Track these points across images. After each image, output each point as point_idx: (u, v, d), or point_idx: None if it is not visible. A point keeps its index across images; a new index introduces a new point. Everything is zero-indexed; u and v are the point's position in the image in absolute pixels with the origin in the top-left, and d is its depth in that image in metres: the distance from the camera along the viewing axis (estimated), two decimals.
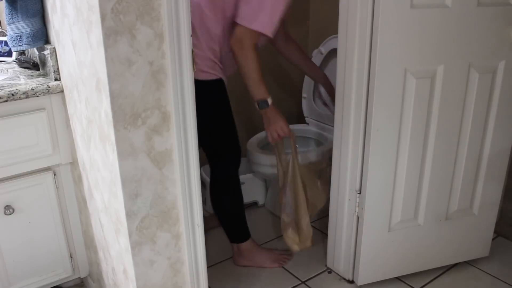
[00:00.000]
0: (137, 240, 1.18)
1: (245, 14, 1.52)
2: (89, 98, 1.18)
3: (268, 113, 1.63)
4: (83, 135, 1.32)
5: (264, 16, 1.52)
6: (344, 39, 1.51)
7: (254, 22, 1.52)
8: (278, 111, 1.66)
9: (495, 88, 1.59)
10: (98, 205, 1.35)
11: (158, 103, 1.10)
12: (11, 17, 1.45)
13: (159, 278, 1.26)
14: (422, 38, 1.43)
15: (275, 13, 1.54)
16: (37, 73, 1.54)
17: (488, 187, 1.74)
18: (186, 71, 1.11)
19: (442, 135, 1.58)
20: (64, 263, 1.61)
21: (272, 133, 1.65)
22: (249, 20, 1.52)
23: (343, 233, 1.74)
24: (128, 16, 1.00)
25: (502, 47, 1.54)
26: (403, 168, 1.59)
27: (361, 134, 1.55)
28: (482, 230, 1.82)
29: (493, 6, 1.47)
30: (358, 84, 1.51)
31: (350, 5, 1.46)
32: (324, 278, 1.82)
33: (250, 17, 1.52)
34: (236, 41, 1.53)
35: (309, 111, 2.43)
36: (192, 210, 1.24)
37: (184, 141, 1.16)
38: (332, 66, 2.28)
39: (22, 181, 1.44)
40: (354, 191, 1.64)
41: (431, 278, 1.81)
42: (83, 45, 1.12)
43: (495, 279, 1.80)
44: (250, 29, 1.52)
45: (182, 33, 1.07)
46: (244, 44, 1.53)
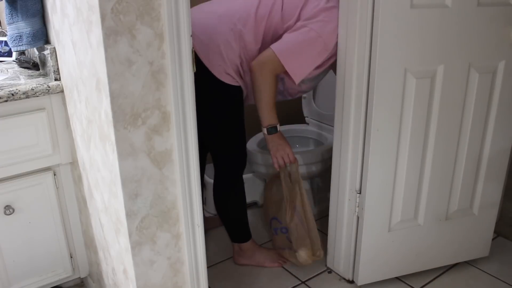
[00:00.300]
0: (137, 240, 1.18)
1: (281, 44, 1.51)
2: (89, 98, 1.18)
3: (276, 139, 1.64)
4: (83, 135, 1.32)
5: (297, 57, 1.52)
6: (344, 39, 1.51)
7: (284, 55, 1.50)
8: (284, 138, 1.68)
9: (495, 88, 1.59)
10: (98, 205, 1.35)
11: (158, 103, 1.10)
12: (11, 17, 1.45)
13: (159, 278, 1.26)
14: (422, 38, 1.43)
15: (307, 61, 1.54)
16: (37, 73, 1.54)
17: (488, 187, 1.74)
18: (186, 71, 1.11)
19: (442, 135, 1.58)
20: (64, 263, 1.61)
21: (278, 158, 1.67)
22: (281, 51, 1.50)
23: (343, 233, 1.74)
24: (128, 16, 1.00)
25: (502, 47, 1.54)
26: (403, 168, 1.59)
27: (361, 134, 1.55)
28: (482, 230, 1.82)
29: (493, 6, 1.47)
30: (358, 84, 1.51)
31: (350, 5, 1.46)
32: (324, 278, 1.82)
33: (284, 50, 1.50)
34: (259, 62, 1.53)
35: (309, 111, 2.43)
36: (192, 210, 1.24)
37: (184, 141, 1.16)
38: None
39: (22, 181, 1.44)
40: (354, 191, 1.64)
41: (431, 278, 1.81)
42: (83, 45, 1.12)
43: (495, 279, 1.80)
44: (277, 57, 1.51)
45: (182, 33, 1.07)
46: (265, 67, 1.53)
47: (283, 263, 1.88)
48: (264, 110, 1.59)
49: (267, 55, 1.52)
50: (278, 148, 1.66)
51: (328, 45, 1.53)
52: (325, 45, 1.52)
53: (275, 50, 1.51)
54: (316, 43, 1.51)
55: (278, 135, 1.65)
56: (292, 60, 1.52)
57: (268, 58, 1.52)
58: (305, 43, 1.51)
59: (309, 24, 1.50)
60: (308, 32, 1.50)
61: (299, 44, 1.51)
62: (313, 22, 1.50)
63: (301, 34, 1.51)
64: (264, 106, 1.58)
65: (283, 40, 1.52)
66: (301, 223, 1.73)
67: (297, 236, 1.74)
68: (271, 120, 1.61)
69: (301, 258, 1.74)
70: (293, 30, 1.52)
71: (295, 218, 1.73)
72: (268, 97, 1.57)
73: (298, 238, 1.74)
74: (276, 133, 1.64)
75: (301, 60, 1.54)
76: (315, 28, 1.50)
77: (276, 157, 1.67)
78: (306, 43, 1.51)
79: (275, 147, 1.65)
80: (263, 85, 1.55)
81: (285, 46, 1.51)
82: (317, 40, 1.51)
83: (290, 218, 1.73)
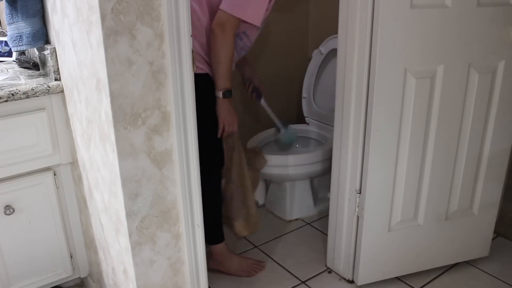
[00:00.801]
0: (137, 240, 1.18)
1: (231, 2, 1.51)
2: (89, 98, 1.18)
3: (228, 104, 1.62)
4: (83, 135, 1.32)
5: (248, 4, 1.52)
6: (344, 39, 1.51)
7: (238, 9, 1.51)
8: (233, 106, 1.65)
9: (495, 88, 1.59)
10: (98, 205, 1.35)
11: (158, 103, 1.10)
12: (11, 17, 1.45)
13: (159, 278, 1.26)
14: (422, 38, 1.43)
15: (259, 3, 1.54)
16: (37, 73, 1.54)
17: (488, 187, 1.74)
18: (186, 71, 1.11)
19: (442, 135, 1.58)
20: (64, 263, 1.61)
21: (225, 124, 1.63)
22: (232, 7, 1.51)
23: (343, 233, 1.74)
24: (128, 16, 1.00)
25: (502, 47, 1.54)
26: (403, 168, 1.59)
27: (361, 134, 1.55)
28: (482, 230, 1.82)
29: (493, 6, 1.47)
30: (358, 84, 1.51)
31: (350, 5, 1.46)
32: (324, 278, 1.82)
33: (235, 5, 1.51)
34: (218, 24, 1.52)
35: (309, 111, 2.43)
36: (192, 210, 1.24)
37: (184, 141, 1.16)
38: (332, 66, 2.28)
39: (22, 181, 1.44)
40: (354, 191, 1.64)
41: (431, 278, 1.81)
42: (83, 45, 1.12)
43: (495, 279, 1.80)
44: (232, 15, 1.51)
45: (182, 33, 1.07)
46: (225, 28, 1.52)
47: (255, 273, 1.83)
48: (222, 73, 1.57)
49: (223, 16, 1.52)
50: (228, 114, 1.63)
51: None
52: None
53: (227, 9, 1.51)
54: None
55: (231, 101, 1.62)
56: (246, 10, 1.52)
57: (225, 18, 1.52)
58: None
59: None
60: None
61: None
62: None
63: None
64: (222, 69, 1.56)
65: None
66: (236, 192, 1.72)
67: (232, 205, 1.73)
68: (227, 84, 1.58)
69: (235, 228, 1.75)
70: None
71: (231, 186, 1.72)
72: (227, 60, 1.55)
73: (233, 207, 1.73)
74: (229, 98, 1.61)
75: (254, 5, 1.54)
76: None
77: (223, 122, 1.63)
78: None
79: (226, 111, 1.62)
80: (224, 46, 1.53)
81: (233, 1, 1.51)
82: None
83: (224, 187, 1.72)
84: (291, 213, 2.24)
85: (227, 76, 1.57)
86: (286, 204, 2.23)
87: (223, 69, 1.56)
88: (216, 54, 1.55)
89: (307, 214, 2.27)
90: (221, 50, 1.54)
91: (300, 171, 2.10)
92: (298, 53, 2.62)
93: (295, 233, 2.14)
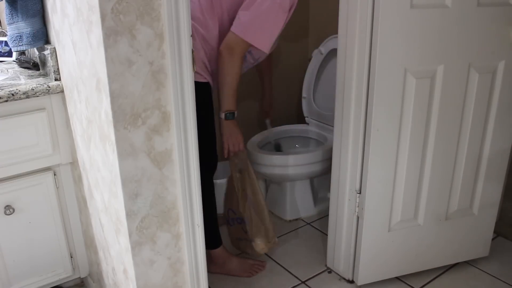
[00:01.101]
0: (137, 240, 1.18)
1: (242, 25, 1.52)
2: (89, 98, 1.18)
3: (231, 125, 1.64)
4: (83, 135, 1.32)
5: (261, 31, 1.53)
6: (344, 39, 1.51)
7: (249, 34, 1.52)
8: (238, 127, 1.67)
9: (495, 88, 1.59)
10: (98, 205, 1.35)
11: (158, 103, 1.10)
12: (11, 17, 1.45)
13: (159, 278, 1.26)
14: (422, 38, 1.43)
15: (271, 30, 1.55)
16: (37, 73, 1.54)
17: (488, 187, 1.74)
18: (186, 71, 1.11)
19: (442, 135, 1.58)
20: (64, 263, 1.61)
21: (229, 145, 1.66)
22: (244, 31, 1.52)
23: (343, 233, 1.74)
24: (128, 16, 1.00)
25: (502, 47, 1.54)
26: (403, 168, 1.59)
27: (361, 134, 1.55)
28: (482, 230, 1.82)
29: (493, 6, 1.47)
30: (358, 84, 1.51)
31: (350, 5, 1.46)
32: (324, 278, 1.82)
33: (246, 28, 1.52)
34: (227, 47, 1.53)
35: (309, 111, 2.43)
36: (192, 210, 1.24)
37: (184, 141, 1.16)
38: (332, 66, 2.28)
39: (22, 181, 1.44)
40: (354, 191, 1.64)
41: (431, 278, 1.81)
42: (83, 45, 1.12)
43: (495, 279, 1.80)
44: (243, 39, 1.52)
45: (182, 33, 1.07)
46: (234, 51, 1.53)
47: (255, 273, 1.84)
48: (226, 95, 1.58)
49: (233, 39, 1.53)
50: (232, 135, 1.65)
51: (285, 6, 1.53)
52: (282, 7, 1.52)
53: (238, 33, 1.52)
54: (273, 10, 1.51)
55: (234, 122, 1.64)
56: (257, 36, 1.53)
57: (235, 42, 1.53)
58: (264, 15, 1.51)
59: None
60: (262, 3, 1.50)
61: (258, 18, 1.52)
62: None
63: (256, 7, 1.51)
64: (228, 91, 1.58)
65: (242, 19, 1.52)
66: (254, 211, 1.74)
67: (252, 225, 1.75)
68: (230, 106, 1.60)
69: (257, 247, 1.76)
70: (247, 6, 1.52)
71: (248, 207, 1.74)
72: (233, 82, 1.57)
73: (253, 227, 1.75)
74: (232, 120, 1.63)
75: (266, 32, 1.55)
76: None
77: (227, 143, 1.66)
78: (265, 15, 1.52)
79: (228, 133, 1.64)
80: (231, 69, 1.55)
81: (246, 25, 1.52)
82: (273, 7, 1.51)
83: (243, 208, 1.73)
84: (291, 213, 2.24)
85: (231, 99, 1.59)
86: (286, 204, 2.23)
87: (228, 91, 1.58)
88: (222, 76, 1.57)
89: (307, 214, 2.27)
90: (228, 73, 1.56)
91: (300, 171, 2.10)
92: (298, 53, 2.62)
93: (295, 233, 2.14)
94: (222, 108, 1.61)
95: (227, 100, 1.59)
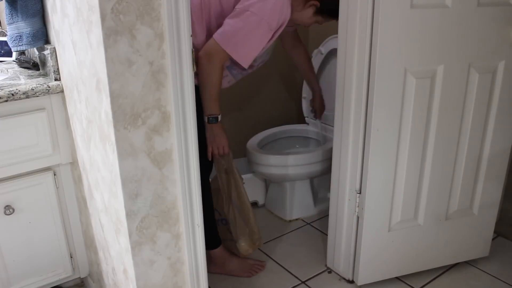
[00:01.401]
0: (137, 240, 1.18)
1: (225, 34, 1.49)
2: (89, 98, 1.18)
3: (215, 129, 1.64)
4: (83, 135, 1.32)
5: (242, 45, 1.51)
6: (344, 39, 1.51)
7: (230, 45, 1.49)
8: (223, 130, 1.67)
9: (495, 88, 1.59)
10: (98, 205, 1.35)
11: (158, 103, 1.10)
12: (11, 17, 1.45)
13: (159, 278, 1.26)
14: (422, 38, 1.43)
15: (254, 46, 1.53)
16: (37, 73, 1.54)
17: (488, 187, 1.74)
18: (186, 71, 1.11)
19: (442, 135, 1.58)
20: (64, 263, 1.61)
21: (213, 148, 1.67)
22: (226, 41, 1.49)
23: (343, 233, 1.74)
24: (128, 16, 1.00)
25: (502, 47, 1.54)
26: (403, 168, 1.59)
27: (361, 134, 1.55)
28: (482, 230, 1.82)
29: (493, 6, 1.47)
30: (358, 84, 1.51)
31: (350, 5, 1.46)
32: (324, 278, 1.82)
33: (228, 39, 1.49)
34: (206, 53, 1.51)
35: (309, 111, 2.43)
36: (192, 210, 1.24)
37: (184, 141, 1.16)
38: (332, 66, 2.28)
39: (22, 181, 1.44)
40: (354, 191, 1.64)
41: (431, 278, 1.81)
42: (83, 45, 1.12)
43: (495, 279, 1.80)
44: (223, 48, 1.49)
45: (182, 33, 1.07)
46: (213, 59, 1.51)
47: (255, 273, 1.84)
48: (207, 100, 1.58)
49: (213, 46, 1.50)
50: (215, 139, 1.65)
51: (272, 24, 1.50)
52: (268, 25, 1.50)
53: (220, 41, 1.49)
54: (260, 26, 1.49)
55: (218, 125, 1.64)
56: (238, 49, 1.51)
57: (215, 49, 1.50)
58: (248, 28, 1.49)
59: (249, 7, 1.48)
60: (249, 17, 1.47)
61: (242, 30, 1.49)
62: (252, 4, 1.47)
63: (243, 20, 1.48)
64: (208, 96, 1.57)
65: (226, 28, 1.49)
66: (239, 213, 1.77)
67: (236, 226, 1.77)
68: (212, 110, 1.60)
69: (241, 248, 1.79)
70: (235, 16, 1.49)
71: (233, 209, 1.76)
72: (212, 88, 1.55)
73: (238, 228, 1.78)
74: (216, 123, 1.63)
75: (248, 47, 1.52)
76: (255, 11, 1.47)
77: (211, 146, 1.66)
78: (249, 28, 1.49)
79: (212, 136, 1.65)
80: (209, 76, 1.53)
81: (229, 35, 1.49)
82: (260, 23, 1.48)
83: (227, 209, 1.76)
84: (291, 213, 2.24)
85: (212, 103, 1.58)
86: (286, 204, 2.23)
87: (209, 97, 1.57)
88: (201, 81, 1.55)
89: (307, 214, 2.27)
90: (207, 79, 1.54)
91: (300, 171, 2.10)
92: None
93: (295, 233, 2.14)
94: (205, 112, 1.61)
95: (209, 105, 1.59)
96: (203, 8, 1.55)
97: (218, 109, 1.61)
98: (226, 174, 1.75)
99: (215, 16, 1.56)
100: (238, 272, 1.83)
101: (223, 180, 1.76)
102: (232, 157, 1.74)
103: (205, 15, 1.55)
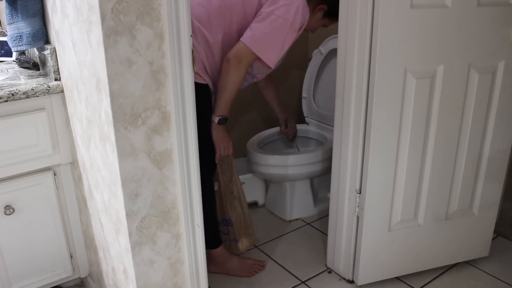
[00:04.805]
0: (137, 240, 1.19)
1: (255, 37, 1.55)
2: (89, 98, 1.18)
3: (222, 130, 1.68)
4: (83, 135, 1.32)
5: (271, 47, 1.57)
6: (344, 39, 1.52)
7: (259, 48, 1.55)
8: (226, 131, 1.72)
9: (495, 88, 1.59)
10: (98, 205, 1.35)
11: (158, 103, 1.10)
12: (11, 17, 1.45)
13: (159, 278, 1.26)
14: (422, 38, 1.43)
15: (281, 47, 1.60)
16: (37, 73, 1.54)
17: (488, 187, 1.74)
18: (186, 71, 1.11)
19: (442, 135, 1.58)
20: (64, 263, 1.61)
21: (221, 148, 1.70)
22: (256, 44, 1.55)
23: (343, 233, 1.74)
24: (128, 16, 1.00)
25: (502, 47, 1.54)
26: (403, 168, 1.59)
27: (361, 134, 1.55)
28: (482, 230, 1.82)
29: (493, 6, 1.47)
30: (358, 84, 1.51)
31: (350, 5, 1.46)
32: (324, 278, 1.82)
33: (258, 41, 1.55)
34: (235, 56, 1.55)
35: (309, 111, 2.43)
36: (192, 210, 1.24)
37: (184, 141, 1.16)
38: (332, 66, 2.28)
39: (22, 181, 1.44)
40: (354, 191, 1.64)
41: (431, 278, 1.81)
42: (83, 45, 1.12)
43: (495, 279, 1.80)
44: (252, 51, 1.55)
45: (182, 33, 1.07)
46: (242, 62, 1.56)
47: (255, 273, 1.84)
48: (224, 101, 1.62)
49: (242, 49, 1.56)
50: (223, 139, 1.69)
51: (295, 26, 1.58)
52: (292, 27, 1.57)
53: (250, 44, 1.55)
54: (285, 28, 1.56)
55: (224, 127, 1.69)
56: (266, 50, 1.57)
57: (245, 53, 1.56)
58: (275, 31, 1.56)
59: (274, 11, 1.55)
60: (275, 20, 1.54)
61: (270, 33, 1.56)
62: (277, 9, 1.55)
63: (270, 23, 1.55)
64: (227, 97, 1.61)
65: (254, 32, 1.56)
66: (242, 212, 1.81)
67: (240, 225, 1.82)
68: (225, 111, 1.64)
69: (243, 246, 1.85)
70: (261, 20, 1.56)
71: (237, 208, 1.80)
72: (233, 90, 1.60)
73: (242, 228, 1.82)
74: (224, 124, 1.68)
75: (275, 48, 1.59)
76: (281, 15, 1.54)
77: (219, 147, 1.69)
78: (276, 31, 1.56)
79: (220, 137, 1.68)
80: (235, 78, 1.58)
81: (258, 38, 1.55)
82: (285, 25, 1.56)
83: (231, 209, 1.80)
84: (291, 213, 2.25)
85: (227, 105, 1.63)
86: (286, 204, 2.24)
87: (226, 98, 1.61)
88: (224, 82, 1.59)
89: (307, 214, 2.27)
90: (231, 81, 1.58)
91: (300, 171, 2.10)
92: (298, 53, 2.62)
93: (295, 233, 2.14)
94: (217, 112, 1.64)
95: (224, 106, 1.63)
96: (224, 11, 1.60)
97: (228, 111, 1.65)
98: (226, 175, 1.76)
99: (236, 20, 1.61)
100: (238, 272, 1.83)
101: (224, 181, 1.77)
102: (233, 158, 1.76)
103: (227, 18, 1.60)
